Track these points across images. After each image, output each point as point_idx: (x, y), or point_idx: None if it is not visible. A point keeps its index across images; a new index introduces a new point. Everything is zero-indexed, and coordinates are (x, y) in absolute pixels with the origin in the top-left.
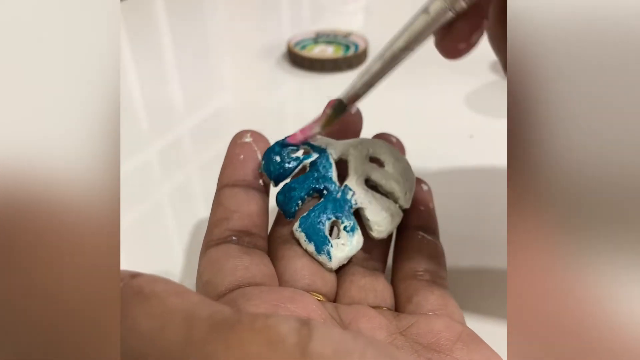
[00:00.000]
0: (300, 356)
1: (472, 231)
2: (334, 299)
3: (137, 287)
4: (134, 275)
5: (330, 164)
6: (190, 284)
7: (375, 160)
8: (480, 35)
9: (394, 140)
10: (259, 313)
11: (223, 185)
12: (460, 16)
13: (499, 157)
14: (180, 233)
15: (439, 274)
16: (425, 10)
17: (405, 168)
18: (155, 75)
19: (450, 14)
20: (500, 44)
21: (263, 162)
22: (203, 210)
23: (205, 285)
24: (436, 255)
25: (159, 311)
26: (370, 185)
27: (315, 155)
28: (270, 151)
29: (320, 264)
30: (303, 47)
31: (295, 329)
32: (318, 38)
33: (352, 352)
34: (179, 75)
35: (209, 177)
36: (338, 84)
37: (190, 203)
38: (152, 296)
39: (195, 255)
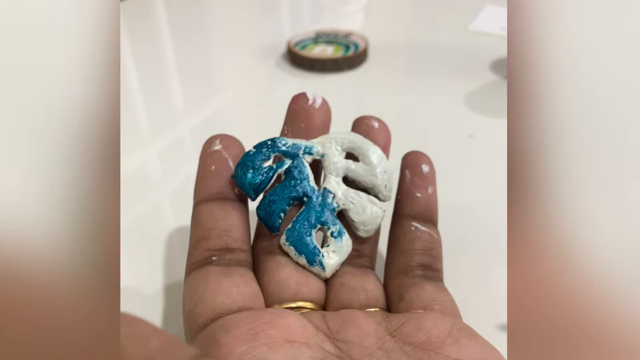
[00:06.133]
0: None
1: (471, 231)
2: (324, 303)
3: None
4: None
5: (305, 167)
6: None
7: (349, 155)
8: None
9: (376, 125)
10: None
11: (198, 201)
12: None
13: (499, 157)
14: (180, 233)
15: (432, 267)
16: None
17: (381, 159)
18: (155, 76)
19: None
20: None
21: (236, 178)
22: None
23: (187, 316)
24: (430, 247)
25: None
26: (349, 182)
27: (288, 162)
28: (241, 165)
29: (314, 274)
30: (303, 47)
31: None
32: (318, 38)
33: None
34: (179, 76)
35: None
36: (338, 84)
37: (190, 203)
38: None
39: None
